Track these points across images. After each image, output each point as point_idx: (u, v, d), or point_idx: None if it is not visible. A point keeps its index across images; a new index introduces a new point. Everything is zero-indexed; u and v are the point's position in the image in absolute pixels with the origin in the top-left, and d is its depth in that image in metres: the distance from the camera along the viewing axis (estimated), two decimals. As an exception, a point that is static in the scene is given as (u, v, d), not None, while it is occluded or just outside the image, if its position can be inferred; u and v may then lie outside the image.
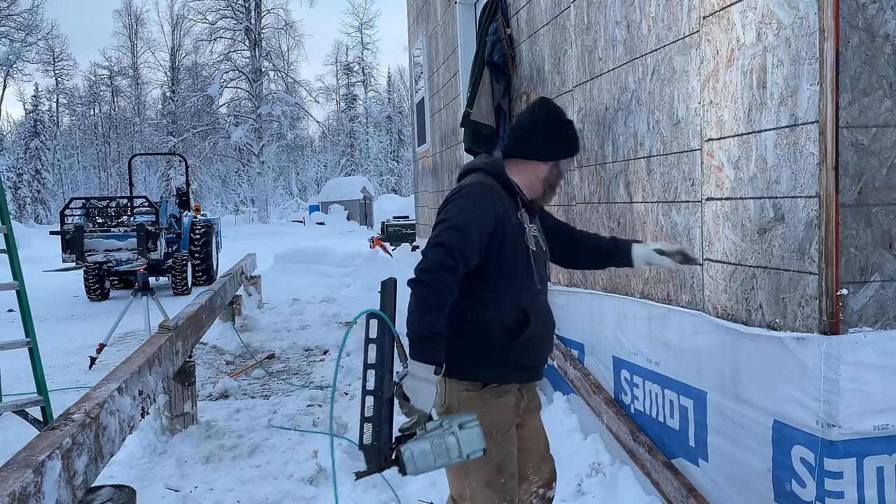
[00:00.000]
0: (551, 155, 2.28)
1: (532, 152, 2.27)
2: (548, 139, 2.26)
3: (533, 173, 2.28)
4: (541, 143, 2.26)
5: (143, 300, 6.93)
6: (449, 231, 2.06)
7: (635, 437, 3.26)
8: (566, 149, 2.32)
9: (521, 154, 2.28)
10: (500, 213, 2.13)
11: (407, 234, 14.49)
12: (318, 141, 56.97)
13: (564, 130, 2.31)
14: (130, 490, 2.82)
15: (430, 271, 2.03)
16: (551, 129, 2.28)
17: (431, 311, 2.00)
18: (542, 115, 2.31)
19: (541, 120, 2.29)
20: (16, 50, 45.10)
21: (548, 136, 2.26)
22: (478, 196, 2.14)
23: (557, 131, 2.29)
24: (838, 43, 2.08)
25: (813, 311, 2.17)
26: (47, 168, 48.27)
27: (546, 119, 2.30)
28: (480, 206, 2.11)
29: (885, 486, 2.18)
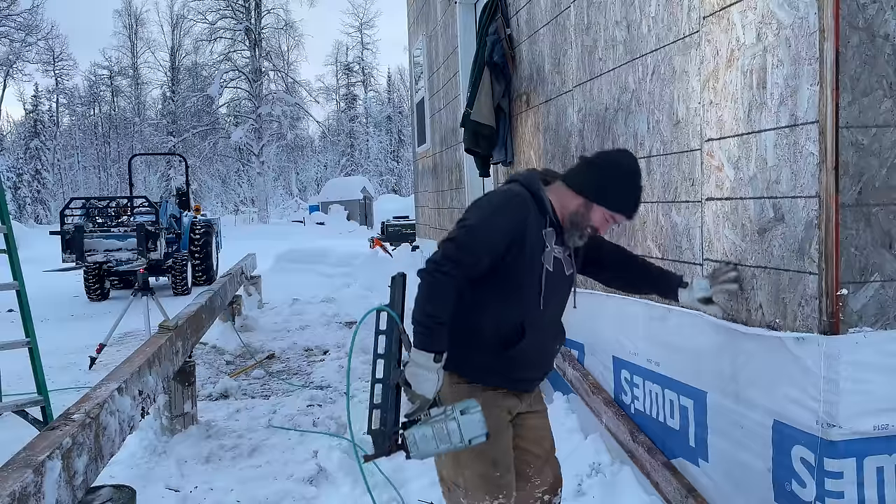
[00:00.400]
0: (594, 196, 2.15)
1: (580, 184, 2.17)
2: (602, 181, 2.15)
3: (569, 203, 2.19)
4: (594, 181, 2.15)
5: (143, 300, 6.93)
6: (466, 229, 2.09)
7: (634, 437, 3.26)
8: (614, 201, 2.17)
9: (570, 181, 2.20)
10: (522, 224, 2.12)
11: (407, 234, 14.49)
12: (318, 141, 56.99)
13: (625, 185, 2.17)
14: (130, 490, 2.82)
15: (437, 263, 2.06)
16: (613, 175, 2.16)
17: (432, 301, 2.03)
18: (615, 160, 2.21)
19: (610, 163, 2.19)
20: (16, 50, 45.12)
21: (604, 179, 2.15)
22: (504, 203, 2.14)
23: (617, 181, 2.16)
24: (838, 43, 2.08)
25: (813, 311, 2.17)
26: (47, 168, 48.28)
27: (615, 165, 2.18)
28: (503, 212, 2.12)
29: (885, 486, 2.18)
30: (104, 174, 54.80)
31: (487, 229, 2.08)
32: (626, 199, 2.18)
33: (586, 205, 2.16)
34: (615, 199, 2.16)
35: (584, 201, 2.16)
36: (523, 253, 2.12)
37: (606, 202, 2.15)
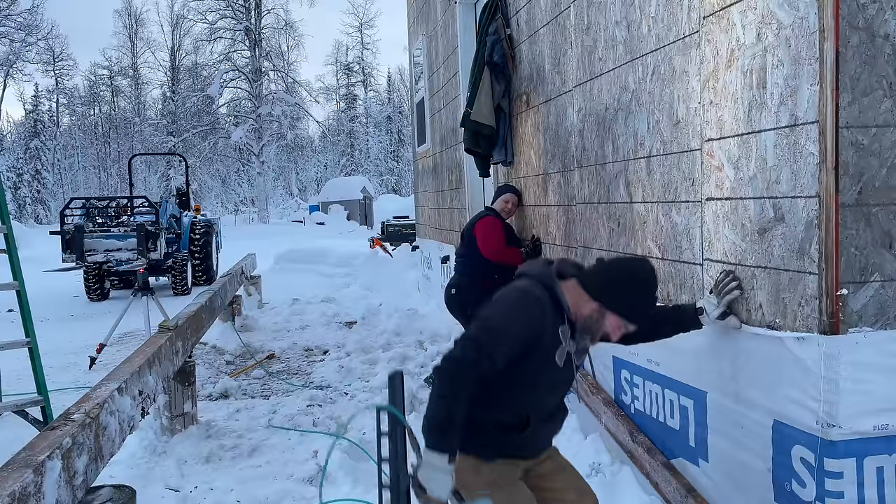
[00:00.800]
0: (610, 304, 2.13)
1: (598, 290, 2.14)
2: (620, 291, 2.13)
3: (584, 305, 2.16)
4: (611, 290, 2.13)
5: (143, 300, 6.93)
6: (483, 329, 2.06)
7: (634, 437, 3.26)
8: (630, 311, 2.14)
9: (587, 285, 2.16)
10: (539, 326, 2.09)
11: (407, 234, 14.50)
12: (318, 141, 57.00)
13: (642, 296, 2.16)
14: (130, 490, 2.82)
15: (454, 361, 2.02)
16: (631, 286, 2.14)
17: (446, 400, 1.99)
18: (633, 270, 2.18)
19: (629, 273, 2.16)
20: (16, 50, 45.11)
21: (622, 289, 2.13)
22: (522, 304, 2.11)
23: (634, 292, 2.14)
24: (838, 43, 2.08)
25: (813, 311, 2.17)
26: (47, 168, 48.29)
27: (633, 276, 2.16)
28: (522, 314, 2.09)
29: (885, 486, 2.18)
30: (104, 174, 54.80)
31: (507, 330, 2.05)
32: (642, 310, 2.16)
33: (601, 310, 2.13)
34: (632, 310, 2.14)
35: (599, 306, 2.13)
36: (538, 352, 2.10)
37: (623, 311, 2.13)
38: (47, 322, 8.95)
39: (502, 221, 5.01)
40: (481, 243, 4.82)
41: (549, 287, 2.16)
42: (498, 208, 5.05)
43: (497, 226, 4.91)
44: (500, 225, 4.93)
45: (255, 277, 9.68)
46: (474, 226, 4.94)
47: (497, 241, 4.83)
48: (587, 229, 3.87)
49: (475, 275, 4.92)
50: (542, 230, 4.67)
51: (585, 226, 3.90)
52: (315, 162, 57.95)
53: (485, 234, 4.84)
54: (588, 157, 3.81)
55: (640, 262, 2.25)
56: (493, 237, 4.83)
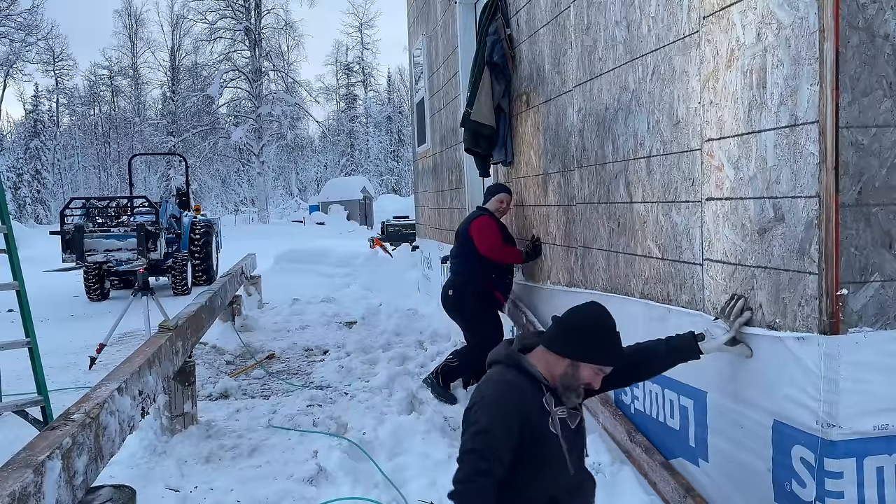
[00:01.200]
0: (578, 356, 2.14)
1: (561, 348, 2.16)
2: (582, 340, 2.15)
3: (556, 367, 2.17)
4: (573, 342, 2.15)
5: (143, 300, 6.93)
6: (477, 436, 2.05)
7: (632, 437, 3.26)
8: (598, 356, 2.16)
9: (551, 346, 2.18)
10: (523, 409, 2.09)
11: (407, 234, 14.50)
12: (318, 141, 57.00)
13: (604, 338, 2.18)
14: (130, 490, 2.82)
15: (465, 482, 2.03)
16: (590, 333, 2.17)
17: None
18: (587, 318, 2.21)
19: (585, 322, 2.20)
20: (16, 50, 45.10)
21: (583, 338, 2.16)
22: (499, 396, 2.11)
23: (595, 336, 2.17)
24: (838, 43, 2.08)
25: (813, 311, 2.17)
26: (47, 168, 48.28)
27: (589, 323, 2.20)
28: (503, 407, 2.08)
29: (885, 486, 2.18)
30: (104, 174, 54.80)
31: (497, 428, 2.04)
32: (609, 351, 2.18)
33: (573, 365, 2.14)
34: (599, 354, 2.16)
35: (570, 362, 2.14)
36: (534, 433, 2.09)
37: (592, 359, 2.15)
38: (47, 322, 8.95)
39: (497, 221, 5.01)
40: (478, 241, 4.82)
41: (517, 365, 2.17)
42: (492, 208, 5.04)
43: (493, 225, 4.91)
44: (495, 224, 4.94)
45: (255, 277, 9.68)
46: (470, 225, 4.93)
47: (494, 239, 4.83)
48: (587, 229, 3.87)
49: (471, 274, 4.92)
50: (542, 230, 4.67)
51: (585, 226, 3.90)
52: (315, 162, 57.96)
53: (481, 233, 4.84)
54: (588, 157, 3.81)
55: (590, 307, 2.27)
56: (490, 235, 4.83)
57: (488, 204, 5.07)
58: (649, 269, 3.17)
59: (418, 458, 3.78)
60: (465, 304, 5.00)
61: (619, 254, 3.48)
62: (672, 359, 2.54)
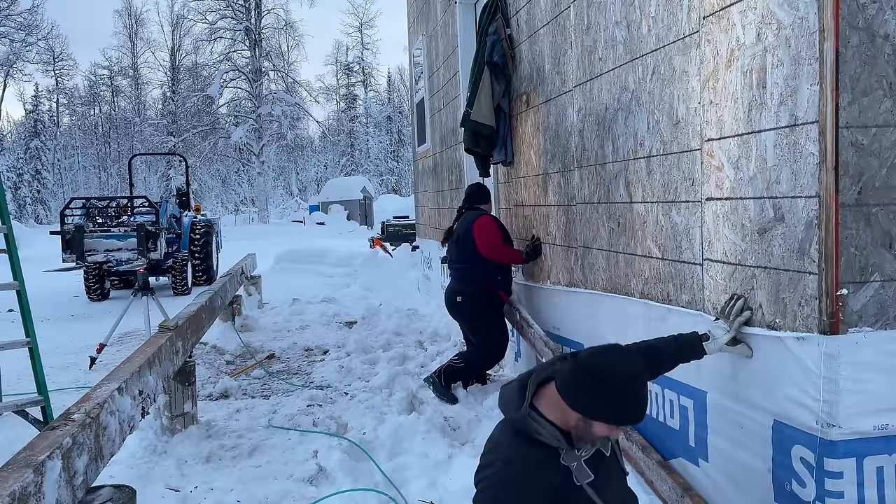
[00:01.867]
0: (589, 413, 1.90)
1: (573, 399, 1.92)
2: (597, 397, 1.90)
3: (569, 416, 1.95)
4: (586, 397, 1.90)
5: (143, 300, 6.93)
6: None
7: (628, 435, 3.26)
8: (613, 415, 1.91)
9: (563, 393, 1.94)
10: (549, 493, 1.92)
11: (407, 234, 14.50)
12: (318, 141, 57.02)
13: (624, 397, 1.90)
14: (130, 490, 2.82)
15: None
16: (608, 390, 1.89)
17: None
18: (608, 370, 1.92)
19: (604, 375, 1.90)
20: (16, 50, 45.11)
21: (599, 394, 1.90)
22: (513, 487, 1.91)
23: (613, 395, 1.89)
24: (838, 43, 2.08)
25: (813, 311, 2.17)
26: (47, 168, 48.29)
27: (609, 377, 1.90)
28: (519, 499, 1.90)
29: (885, 486, 2.18)
30: (104, 174, 54.82)
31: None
32: (628, 411, 1.91)
33: (584, 420, 1.91)
34: (615, 414, 1.90)
35: (582, 418, 1.91)
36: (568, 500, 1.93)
37: (607, 419, 1.90)
38: (47, 322, 8.95)
39: (495, 219, 5.02)
40: (480, 244, 4.81)
41: (531, 436, 1.95)
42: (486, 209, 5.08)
43: (493, 224, 4.91)
44: (496, 223, 4.94)
45: (255, 277, 9.68)
46: (472, 226, 4.90)
47: (495, 237, 4.84)
48: (587, 229, 3.87)
49: (475, 278, 4.91)
50: (542, 230, 4.67)
51: (585, 226, 3.90)
52: (315, 162, 57.97)
53: (482, 233, 4.84)
54: (588, 157, 3.81)
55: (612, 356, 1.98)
56: (490, 234, 4.83)
57: (485, 206, 5.09)
58: (649, 269, 3.18)
59: (418, 458, 3.78)
60: (472, 310, 5.00)
61: (619, 254, 3.48)
62: (679, 357, 2.51)
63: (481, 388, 5.00)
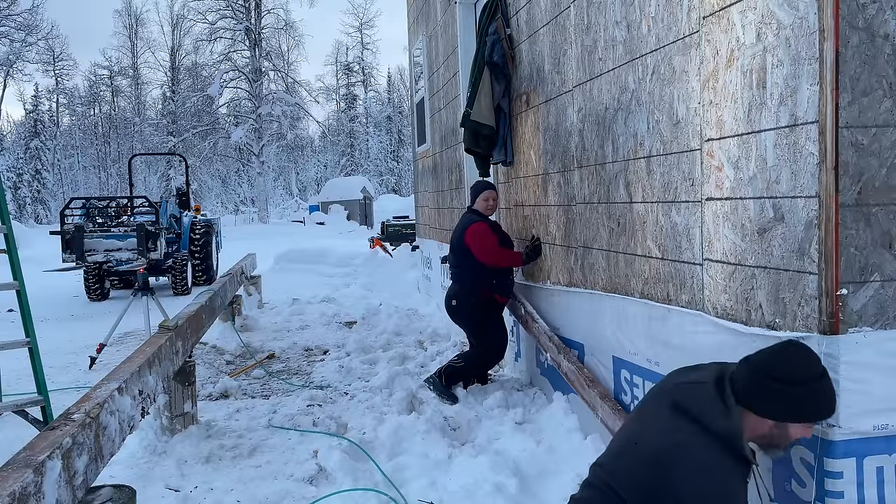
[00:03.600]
0: (793, 418, 1.91)
1: (768, 411, 1.90)
2: (796, 401, 1.89)
3: (759, 428, 1.95)
4: (786, 404, 1.89)
5: (143, 300, 6.93)
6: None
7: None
8: (814, 415, 1.92)
9: (755, 408, 1.92)
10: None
11: (407, 234, 14.51)
12: (318, 141, 57.04)
13: (820, 394, 1.91)
14: (130, 490, 2.82)
15: None
16: (806, 391, 1.89)
17: None
18: (799, 366, 1.92)
19: (795, 377, 1.89)
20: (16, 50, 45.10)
21: (798, 399, 1.89)
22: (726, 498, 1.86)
23: (812, 394, 1.90)
24: (838, 43, 2.08)
25: (813, 310, 2.17)
26: (47, 168, 48.29)
27: (801, 377, 1.90)
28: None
29: (885, 486, 2.18)
30: (104, 174, 54.84)
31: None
32: (825, 406, 1.93)
33: (782, 428, 1.92)
34: (816, 411, 1.92)
35: (776, 425, 1.92)
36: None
37: (807, 419, 1.92)
38: (47, 322, 8.95)
39: (489, 223, 4.99)
40: (476, 250, 4.79)
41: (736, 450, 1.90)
42: (480, 208, 5.02)
43: (486, 229, 4.87)
44: (488, 228, 4.90)
45: (255, 277, 9.68)
46: (464, 234, 4.88)
47: (490, 243, 4.81)
48: (587, 229, 3.87)
49: (472, 283, 4.91)
50: (542, 230, 4.67)
51: (585, 226, 3.90)
52: (315, 162, 57.99)
53: (476, 240, 4.80)
54: (588, 157, 3.81)
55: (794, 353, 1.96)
56: (485, 241, 4.81)
57: (476, 204, 5.04)
58: (649, 269, 3.18)
59: (418, 458, 3.78)
60: (468, 313, 5.00)
61: (618, 254, 3.48)
62: None
63: (481, 388, 5.00)
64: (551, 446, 3.85)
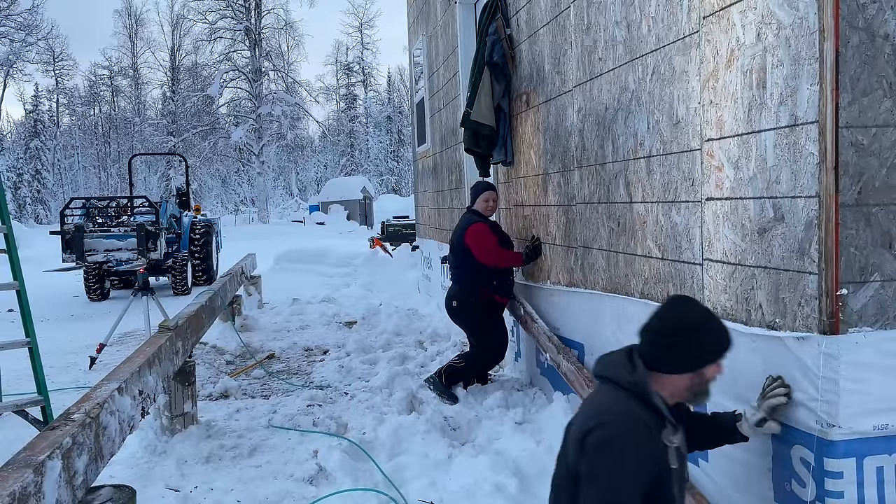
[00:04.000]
0: (700, 365, 2.03)
1: (680, 365, 2.02)
2: (696, 348, 2.02)
3: (679, 385, 2.05)
4: (690, 354, 2.02)
5: (143, 300, 6.93)
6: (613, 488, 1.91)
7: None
8: (716, 352, 2.05)
9: (667, 368, 2.03)
10: (652, 459, 1.96)
11: (407, 234, 14.52)
12: (318, 141, 57.05)
13: (713, 333, 2.05)
14: (130, 490, 2.82)
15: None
16: (699, 336, 2.03)
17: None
18: (688, 321, 2.04)
19: (687, 326, 2.03)
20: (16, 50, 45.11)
21: (696, 344, 2.02)
22: (629, 447, 1.92)
23: (705, 336, 2.04)
24: (838, 43, 2.08)
25: (813, 310, 2.17)
26: (47, 168, 48.29)
27: (692, 325, 2.03)
28: (636, 464, 1.91)
29: (884, 486, 2.18)
30: (104, 174, 54.84)
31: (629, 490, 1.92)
32: (721, 341, 2.07)
33: (697, 374, 2.03)
34: (716, 349, 2.06)
35: (691, 374, 2.03)
36: (660, 474, 1.98)
37: (713, 358, 2.05)
38: (47, 322, 8.95)
39: (489, 223, 4.98)
40: (476, 250, 4.79)
41: (647, 399, 2.00)
42: (480, 208, 5.01)
43: (486, 230, 4.86)
44: (488, 228, 4.90)
45: (255, 277, 9.68)
46: (464, 235, 4.88)
47: (490, 243, 4.81)
48: (587, 229, 3.87)
49: (471, 284, 4.91)
50: (542, 230, 4.67)
51: (585, 226, 3.90)
52: (315, 162, 58.00)
53: (476, 241, 4.80)
54: (588, 157, 3.81)
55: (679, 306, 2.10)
56: (485, 241, 4.80)
57: (476, 205, 5.04)
58: (649, 269, 3.18)
59: (418, 458, 3.78)
60: (469, 314, 5.00)
61: (619, 254, 3.48)
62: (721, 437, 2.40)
63: (481, 388, 5.00)
64: (551, 446, 3.84)
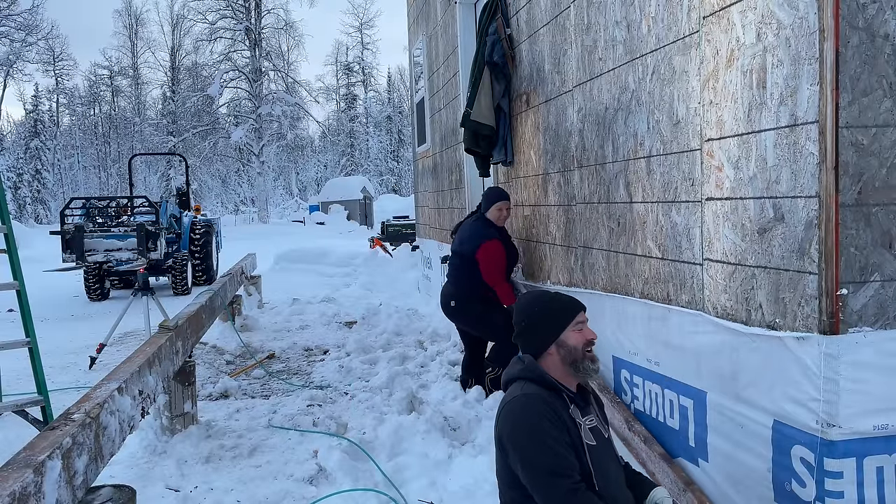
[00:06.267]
0: (554, 337, 2.25)
1: (538, 345, 2.26)
2: (539, 327, 2.27)
3: (555, 363, 2.26)
4: (537, 335, 2.27)
5: (143, 300, 6.93)
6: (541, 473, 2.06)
7: (630, 426, 3.26)
8: (565, 319, 2.27)
9: (534, 353, 2.27)
10: (561, 423, 2.12)
11: (407, 234, 14.53)
12: (318, 141, 57.04)
13: (551, 307, 2.31)
14: (130, 490, 2.82)
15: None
16: (539, 313, 2.29)
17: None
18: (528, 307, 2.34)
19: (529, 311, 2.32)
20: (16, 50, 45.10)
21: (539, 323, 2.28)
22: (537, 421, 2.10)
23: (545, 309, 2.30)
24: (838, 43, 2.08)
25: (813, 310, 2.17)
26: (47, 168, 48.30)
27: (530, 310, 2.32)
28: (547, 423, 2.09)
29: (885, 485, 2.18)
30: (104, 174, 54.85)
31: (552, 448, 2.07)
32: (561, 309, 2.30)
33: (560, 344, 2.24)
34: (560, 316, 2.27)
35: (555, 347, 2.24)
36: (572, 441, 2.12)
37: (562, 324, 2.26)
38: (47, 322, 8.95)
39: (502, 238, 4.92)
40: (484, 269, 4.77)
41: (540, 378, 2.21)
42: (492, 217, 4.93)
43: (501, 252, 4.81)
44: (502, 248, 4.83)
45: (255, 277, 9.68)
46: (478, 249, 4.80)
47: (499, 269, 4.79)
48: (587, 229, 3.87)
49: (470, 286, 4.89)
50: (542, 230, 4.67)
51: (585, 226, 3.90)
52: (315, 162, 58.00)
53: (487, 260, 4.77)
54: (588, 157, 3.81)
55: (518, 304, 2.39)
56: (497, 266, 4.78)
57: (489, 213, 4.94)
58: (649, 269, 3.18)
59: (418, 458, 3.78)
60: (468, 312, 4.98)
61: (619, 254, 3.48)
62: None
63: (481, 388, 4.99)
64: (551, 446, 3.84)
